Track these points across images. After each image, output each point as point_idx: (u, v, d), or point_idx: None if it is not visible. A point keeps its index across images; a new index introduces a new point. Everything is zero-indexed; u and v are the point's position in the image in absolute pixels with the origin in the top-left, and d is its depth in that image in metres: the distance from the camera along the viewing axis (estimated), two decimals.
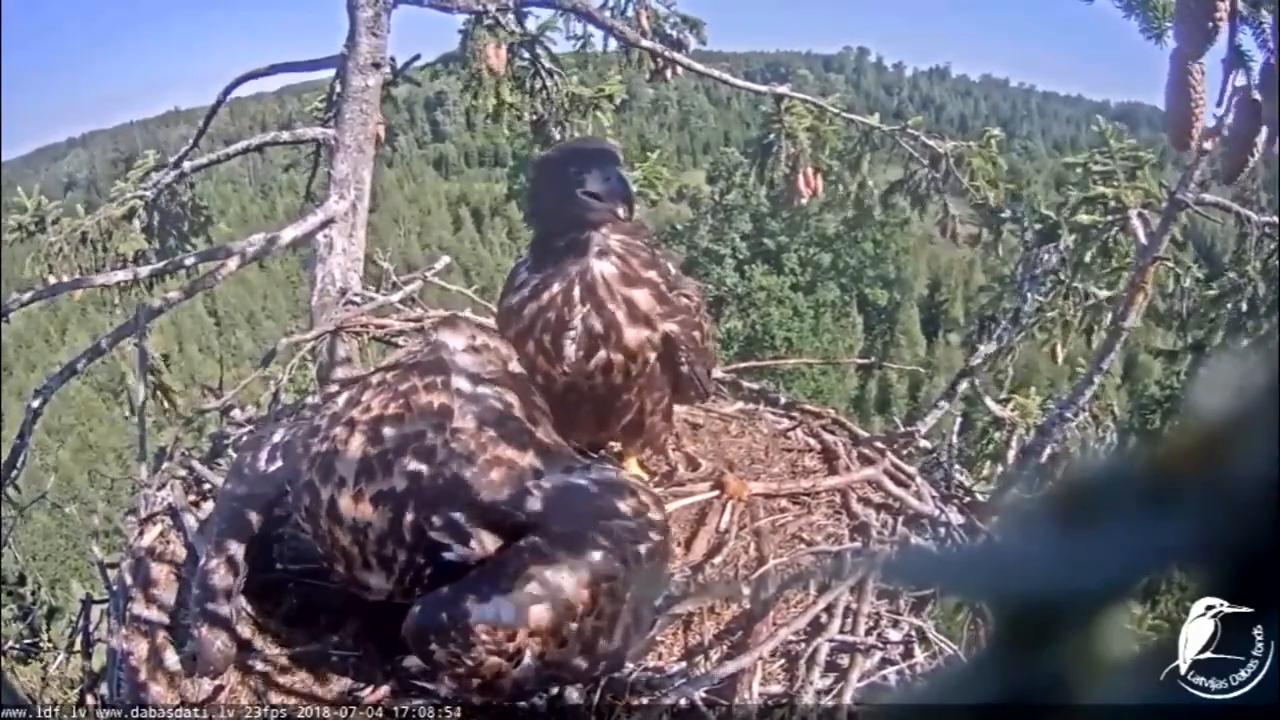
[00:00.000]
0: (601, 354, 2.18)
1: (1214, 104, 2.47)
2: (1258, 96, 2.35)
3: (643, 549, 1.94)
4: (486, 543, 1.87)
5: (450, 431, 1.92)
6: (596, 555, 1.86)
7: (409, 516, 1.85)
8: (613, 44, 4.80)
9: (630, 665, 2.05)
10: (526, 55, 4.78)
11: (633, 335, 2.19)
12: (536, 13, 4.71)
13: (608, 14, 4.63)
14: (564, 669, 1.90)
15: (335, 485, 1.88)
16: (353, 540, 1.87)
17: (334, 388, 2.94)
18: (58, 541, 20.12)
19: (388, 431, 1.91)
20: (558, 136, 4.79)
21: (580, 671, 1.94)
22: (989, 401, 4.61)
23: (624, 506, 1.95)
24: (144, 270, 4.22)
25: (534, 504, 1.89)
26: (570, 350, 2.17)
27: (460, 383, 2.02)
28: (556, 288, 2.16)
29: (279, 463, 2.12)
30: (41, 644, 4.61)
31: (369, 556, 1.87)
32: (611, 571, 1.87)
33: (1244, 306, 4.57)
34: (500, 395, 2.05)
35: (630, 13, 4.70)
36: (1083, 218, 4.63)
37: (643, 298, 2.19)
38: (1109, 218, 4.59)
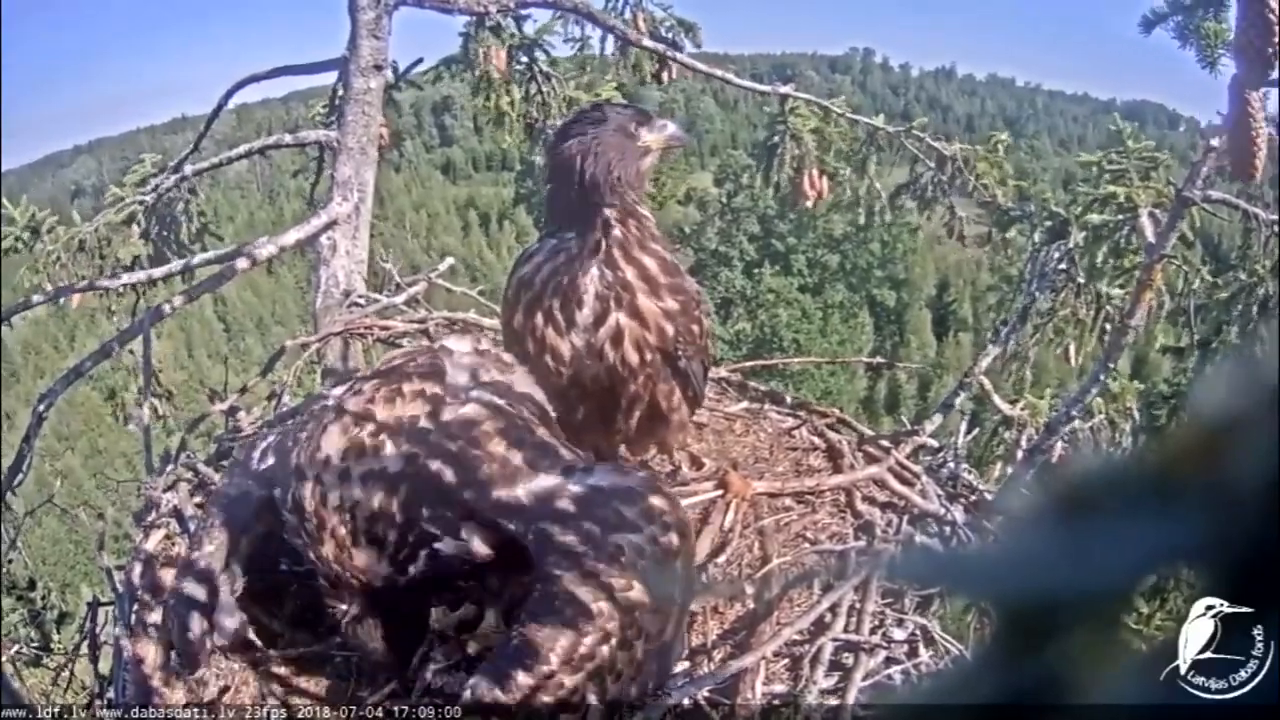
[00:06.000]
0: (613, 319, 2.19)
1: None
2: None
3: (667, 554, 1.82)
4: (478, 539, 1.82)
5: (440, 421, 1.88)
6: (619, 577, 1.72)
7: (399, 497, 1.81)
8: (609, 47, 4.79)
9: None
10: (524, 59, 4.78)
11: (645, 303, 2.21)
12: (535, 15, 4.72)
13: (607, 16, 4.62)
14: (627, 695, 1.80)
15: (322, 465, 1.84)
16: (340, 521, 1.82)
17: (330, 385, 2.92)
18: (67, 546, 20.29)
19: (378, 415, 1.88)
20: None
21: (642, 695, 1.86)
22: (998, 401, 4.58)
23: (634, 514, 1.82)
24: (158, 271, 4.23)
25: (526, 501, 1.81)
26: (581, 315, 2.18)
27: (455, 376, 2.01)
28: (574, 248, 2.20)
29: (271, 459, 2.07)
30: (52, 647, 4.64)
31: (359, 536, 1.82)
32: (641, 595, 1.74)
33: (1253, 305, 4.54)
34: (498, 393, 2.02)
35: (627, 15, 4.68)
36: (1093, 217, 4.61)
37: (652, 264, 2.23)
38: (1119, 217, 4.57)
